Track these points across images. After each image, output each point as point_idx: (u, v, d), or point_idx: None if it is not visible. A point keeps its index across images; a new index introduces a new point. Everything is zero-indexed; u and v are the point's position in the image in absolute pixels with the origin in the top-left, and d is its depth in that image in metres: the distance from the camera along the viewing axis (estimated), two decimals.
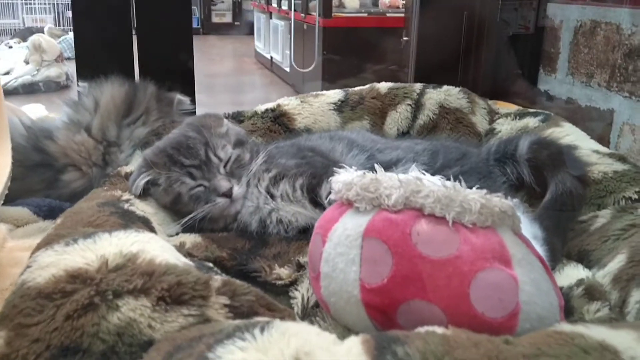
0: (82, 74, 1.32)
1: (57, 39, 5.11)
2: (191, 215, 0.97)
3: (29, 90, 4.04)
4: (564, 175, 1.03)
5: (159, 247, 0.71)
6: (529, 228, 0.91)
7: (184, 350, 0.54)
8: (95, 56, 1.35)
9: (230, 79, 5.35)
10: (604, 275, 0.84)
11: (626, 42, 1.39)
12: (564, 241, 0.97)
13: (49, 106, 2.02)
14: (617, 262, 0.84)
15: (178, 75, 1.38)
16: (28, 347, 0.58)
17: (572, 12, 1.60)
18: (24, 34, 5.58)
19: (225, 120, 1.10)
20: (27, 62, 4.32)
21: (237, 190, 0.99)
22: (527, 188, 1.12)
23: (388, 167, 1.03)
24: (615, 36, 1.43)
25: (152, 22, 1.41)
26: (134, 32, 1.41)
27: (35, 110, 1.92)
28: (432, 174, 0.73)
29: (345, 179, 0.70)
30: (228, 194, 0.98)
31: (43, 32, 5.16)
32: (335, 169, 0.75)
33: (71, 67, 4.43)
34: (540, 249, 0.87)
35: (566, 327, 0.56)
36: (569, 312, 0.77)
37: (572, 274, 0.87)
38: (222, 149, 1.01)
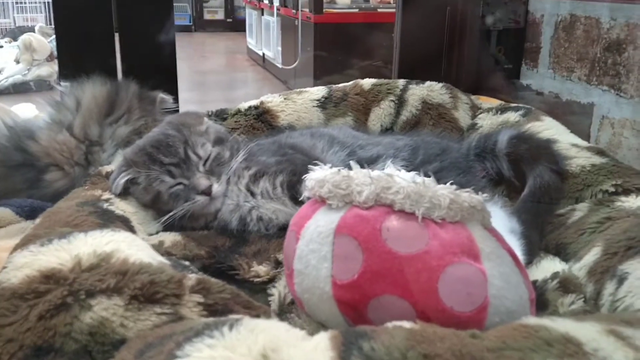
0: (64, 73, 1.32)
1: (48, 37, 5.08)
2: (171, 214, 0.98)
3: (20, 89, 4.04)
4: (542, 169, 1.04)
5: (134, 247, 0.71)
6: (506, 222, 0.92)
7: (154, 348, 0.55)
8: (77, 56, 1.35)
9: (223, 76, 5.34)
10: (579, 268, 0.85)
11: (605, 36, 1.40)
12: (542, 235, 0.98)
13: (40, 106, 2.02)
14: (592, 255, 0.85)
15: (161, 73, 1.38)
16: (2, 347, 0.59)
17: (552, 6, 1.61)
18: (14, 33, 5.56)
19: (206, 119, 1.10)
20: (17, 62, 4.31)
21: (217, 188, 0.99)
22: (506, 182, 1.13)
23: (369, 163, 1.04)
24: (594, 30, 1.44)
25: (133, 21, 1.41)
26: (115, 31, 1.41)
27: (26, 110, 1.93)
28: (412, 170, 0.74)
29: (318, 176, 0.71)
30: (207, 192, 0.98)
31: (34, 31, 5.14)
32: (311, 166, 0.76)
33: None
34: (517, 243, 0.88)
35: (532, 320, 0.56)
36: (544, 305, 0.77)
37: (548, 267, 0.88)
38: (201, 147, 1.02)
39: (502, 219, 0.92)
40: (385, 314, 0.62)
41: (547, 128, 1.19)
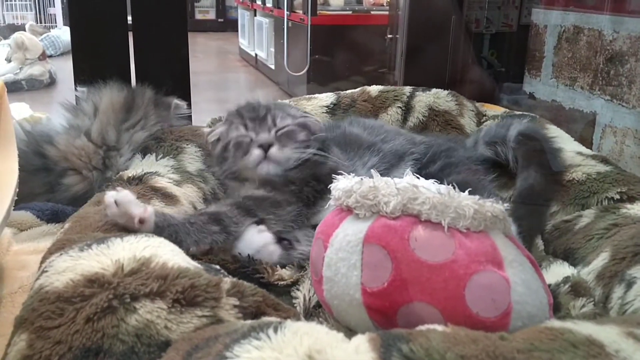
0: (80, 78, 1.34)
1: (39, 36, 5.07)
2: (228, 162, 1.07)
3: (12, 88, 4.02)
4: (529, 173, 1.11)
5: (169, 251, 0.74)
6: None
7: (202, 350, 0.58)
8: (92, 61, 1.37)
9: (215, 76, 5.33)
10: (588, 272, 0.89)
11: (608, 48, 1.45)
12: (540, 225, 1.05)
13: (33, 105, 2.02)
14: (600, 260, 0.88)
15: (174, 79, 1.40)
16: (51, 349, 0.61)
17: (555, 17, 1.65)
18: (4, 32, 5.53)
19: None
20: (9, 60, 4.29)
21: (275, 150, 1.03)
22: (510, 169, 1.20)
23: (394, 157, 1.11)
24: (597, 41, 1.49)
25: (148, 26, 1.44)
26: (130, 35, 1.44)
27: (19, 109, 1.92)
28: (423, 167, 0.76)
29: (344, 186, 0.74)
30: (265, 148, 1.03)
31: (24, 30, 5.12)
32: (334, 175, 0.79)
33: (54, 65, 4.42)
34: None
35: (556, 323, 0.60)
36: (557, 308, 0.81)
37: (558, 271, 0.92)
38: (281, 118, 1.08)
39: None
40: (414, 320, 0.65)
41: (553, 136, 1.23)
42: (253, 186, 1.04)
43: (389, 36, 2.59)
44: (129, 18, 1.43)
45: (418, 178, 0.75)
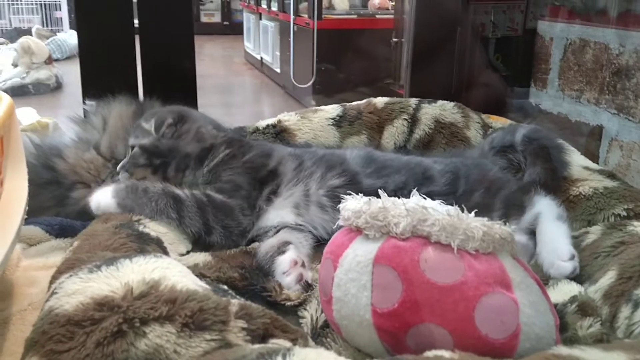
0: (89, 92, 1.35)
1: (45, 40, 5.10)
2: None
3: (18, 93, 4.04)
4: (535, 169, 1.15)
5: (178, 273, 0.74)
6: (555, 209, 1.05)
7: None
8: (99, 62, 1.38)
9: (220, 79, 5.35)
10: (595, 290, 0.89)
11: (614, 62, 1.44)
12: None
13: (40, 109, 2.03)
14: (607, 279, 0.88)
15: (180, 82, 1.41)
16: None
17: (562, 30, 1.65)
18: (11, 35, 5.56)
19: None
20: (15, 65, 4.31)
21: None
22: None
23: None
24: (603, 55, 1.48)
25: (154, 28, 1.44)
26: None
27: (26, 114, 1.93)
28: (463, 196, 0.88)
29: (354, 207, 0.74)
30: None
31: (31, 34, 5.14)
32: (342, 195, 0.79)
33: (60, 69, 4.44)
34: (564, 226, 1.01)
35: (563, 350, 0.60)
36: (564, 328, 0.81)
37: (566, 289, 0.91)
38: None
39: (551, 206, 1.04)
40: (423, 341, 0.66)
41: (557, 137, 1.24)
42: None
43: (394, 40, 2.59)
44: (135, 21, 1.44)
45: (424, 199, 0.75)
